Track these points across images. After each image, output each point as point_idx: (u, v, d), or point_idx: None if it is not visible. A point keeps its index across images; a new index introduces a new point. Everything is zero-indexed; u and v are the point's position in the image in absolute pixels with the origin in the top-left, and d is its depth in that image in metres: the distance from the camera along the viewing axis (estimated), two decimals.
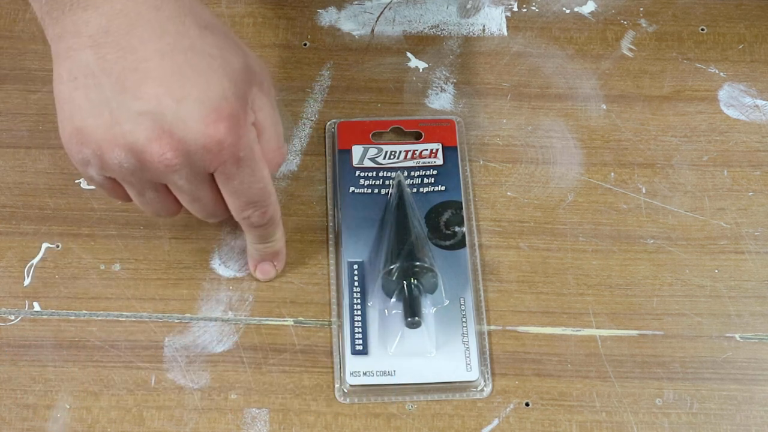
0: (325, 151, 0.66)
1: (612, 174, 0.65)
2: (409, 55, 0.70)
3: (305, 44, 0.70)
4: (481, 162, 0.66)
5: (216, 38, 0.50)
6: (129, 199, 0.54)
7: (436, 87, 0.69)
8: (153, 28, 0.48)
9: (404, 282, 0.59)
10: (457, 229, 0.63)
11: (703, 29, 0.71)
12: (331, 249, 0.63)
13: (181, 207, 0.55)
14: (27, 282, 0.62)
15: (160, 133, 0.48)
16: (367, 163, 0.65)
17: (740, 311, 0.61)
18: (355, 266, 0.61)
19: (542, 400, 0.59)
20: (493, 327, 0.61)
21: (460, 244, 0.62)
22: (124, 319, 0.61)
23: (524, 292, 0.62)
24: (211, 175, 0.51)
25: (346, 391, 0.58)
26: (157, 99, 0.47)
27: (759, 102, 0.68)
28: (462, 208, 0.63)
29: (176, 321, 0.60)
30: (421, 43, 0.70)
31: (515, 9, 0.72)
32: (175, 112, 0.47)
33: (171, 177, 0.50)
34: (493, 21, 0.71)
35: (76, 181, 0.65)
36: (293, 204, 0.64)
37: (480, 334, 0.60)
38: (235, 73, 0.49)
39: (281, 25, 0.71)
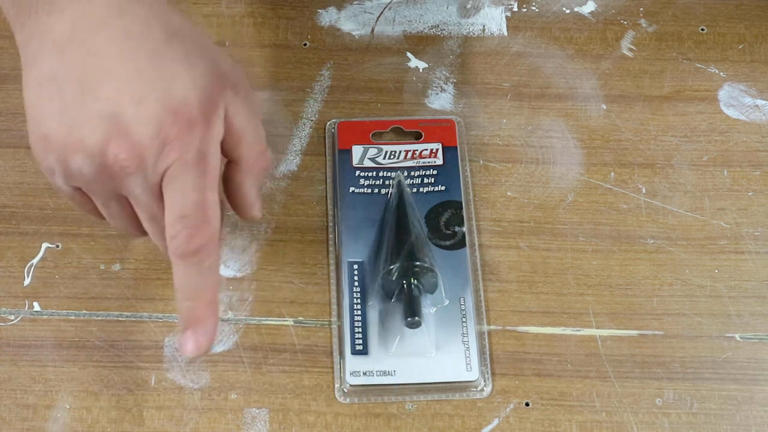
0: (325, 151, 0.66)
1: (612, 174, 0.65)
2: (409, 55, 0.70)
3: (305, 44, 0.70)
4: (481, 162, 0.66)
5: (183, 44, 0.49)
6: (99, 214, 0.53)
7: (436, 87, 0.69)
8: (117, 31, 0.47)
9: (404, 282, 0.59)
10: (457, 229, 0.63)
11: (703, 29, 0.71)
12: (331, 249, 0.63)
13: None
14: (27, 282, 0.62)
15: (116, 134, 0.47)
16: (367, 163, 0.65)
17: (740, 311, 0.61)
18: (355, 266, 0.61)
19: (542, 400, 0.59)
20: (493, 327, 0.61)
21: (460, 244, 0.62)
22: (124, 319, 0.61)
23: (524, 292, 0.62)
24: (159, 187, 0.49)
25: (346, 391, 0.59)
26: (116, 100, 0.47)
27: (759, 102, 0.68)
28: (462, 208, 0.63)
29: (176, 321, 0.60)
30: (421, 43, 0.70)
31: (515, 9, 0.72)
32: (132, 113, 0.46)
33: (128, 183, 0.48)
34: (493, 21, 0.71)
35: None
36: (293, 204, 0.64)
37: (480, 334, 0.60)
38: (201, 79, 0.48)
39: (281, 25, 0.71)
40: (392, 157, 0.65)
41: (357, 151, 0.65)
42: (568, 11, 0.72)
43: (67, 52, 0.48)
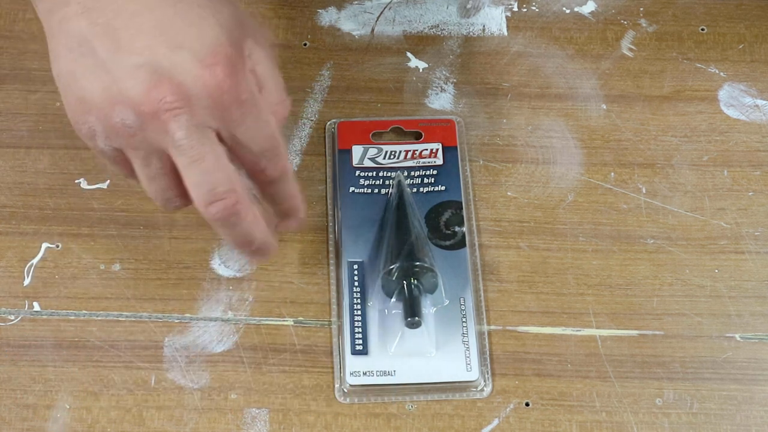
0: (325, 151, 0.66)
1: (612, 174, 0.65)
2: (409, 55, 0.70)
3: (305, 44, 0.70)
4: (481, 162, 0.66)
5: None
6: (135, 175, 0.52)
7: (436, 87, 0.69)
8: None
9: (404, 282, 0.59)
10: (457, 229, 0.63)
11: (703, 29, 0.71)
12: (331, 249, 0.63)
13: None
14: (27, 282, 0.62)
15: (158, 80, 0.47)
16: (367, 163, 0.65)
17: (740, 311, 0.61)
18: (355, 266, 0.61)
19: (542, 400, 0.59)
20: (493, 327, 0.61)
21: (460, 244, 0.62)
22: (124, 319, 0.61)
23: (524, 292, 0.62)
24: (215, 134, 0.49)
25: (346, 391, 0.58)
26: (151, 50, 0.47)
27: (759, 102, 0.68)
28: (462, 208, 0.63)
29: (176, 321, 0.60)
30: (421, 43, 0.70)
31: (515, 9, 0.72)
32: (170, 60, 0.47)
33: (172, 128, 0.47)
34: (493, 21, 0.71)
35: (76, 181, 0.65)
36: None
37: (480, 334, 0.60)
38: (227, 23, 0.49)
39: (281, 25, 0.71)
40: (392, 157, 0.65)
41: (357, 151, 0.65)
42: (568, 11, 0.72)
43: (94, 12, 0.47)
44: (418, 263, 0.59)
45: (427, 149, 0.65)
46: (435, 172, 0.64)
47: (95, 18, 0.47)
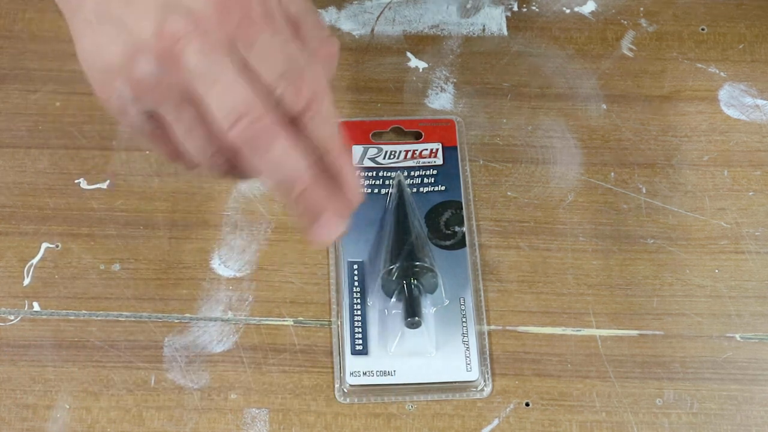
0: None
1: (612, 174, 0.65)
2: (409, 55, 0.70)
3: None
4: (481, 162, 0.66)
5: None
6: (175, 150, 0.49)
7: (436, 87, 0.69)
8: None
9: (404, 282, 0.59)
10: (457, 229, 0.63)
11: (703, 29, 0.71)
12: (331, 249, 0.63)
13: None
14: (27, 282, 0.62)
15: (168, 14, 0.45)
16: (367, 163, 0.65)
17: (740, 311, 0.61)
18: (355, 266, 0.61)
19: (542, 400, 0.59)
20: (493, 327, 0.61)
21: (460, 244, 0.62)
22: (123, 319, 0.61)
23: (524, 292, 0.62)
24: (231, 52, 0.45)
25: (346, 391, 0.58)
26: None
27: (759, 102, 0.68)
28: (462, 208, 0.63)
29: (176, 321, 0.60)
30: (421, 43, 0.70)
31: (515, 9, 0.72)
32: None
33: (186, 58, 0.45)
34: (493, 21, 0.71)
35: (76, 181, 0.65)
36: None
37: (480, 334, 0.60)
38: None
39: None
40: (392, 157, 0.65)
41: (357, 151, 0.65)
42: (568, 11, 0.72)
43: None
44: (418, 263, 0.59)
45: (427, 149, 0.65)
46: (435, 172, 0.64)
47: None
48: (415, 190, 0.64)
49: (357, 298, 0.60)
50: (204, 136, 0.47)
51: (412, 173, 0.64)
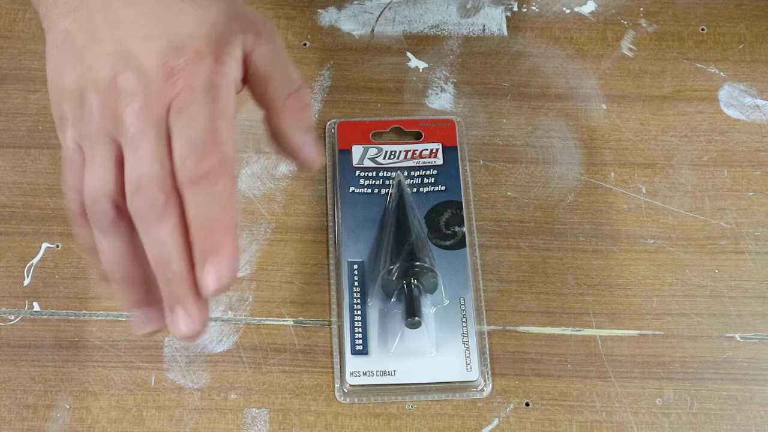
0: (325, 151, 0.66)
1: (612, 174, 0.65)
2: (409, 55, 0.70)
3: (305, 44, 0.70)
4: (481, 162, 0.66)
5: None
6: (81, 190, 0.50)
7: (436, 87, 0.69)
8: None
9: (404, 282, 0.59)
10: (457, 229, 0.63)
11: (703, 29, 0.71)
12: (331, 249, 0.63)
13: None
14: (27, 282, 0.62)
15: (124, 66, 0.47)
16: (367, 163, 0.65)
17: (740, 311, 0.61)
18: (355, 266, 0.61)
19: (542, 400, 0.59)
20: (493, 327, 0.61)
21: (460, 244, 0.62)
22: (124, 319, 0.61)
23: (524, 292, 0.62)
24: (164, 121, 0.47)
25: (346, 391, 0.58)
26: (124, 40, 0.48)
27: (759, 102, 0.68)
28: (462, 208, 0.63)
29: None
30: (421, 43, 0.70)
31: (515, 9, 0.72)
32: (139, 48, 0.47)
33: (125, 114, 0.47)
34: (493, 21, 0.71)
35: None
36: (293, 204, 0.64)
37: (480, 334, 0.60)
38: (212, 19, 0.48)
39: (281, 25, 0.71)
40: (392, 157, 0.65)
41: (357, 151, 0.65)
42: (568, 11, 0.72)
43: (80, 10, 0.49)
44: (418, 263, 0.59)
45: (427, 149, 0.65)
46: (435, 172, 0.64)
47: (79, 15, 0.49)
48: (415, 190, 0.64)
49: (357, 298, 0.60)
50: (103, 175, 0.48)
51: (412, 173, 0.64)
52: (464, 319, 0.60)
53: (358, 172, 0.64)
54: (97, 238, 0.47)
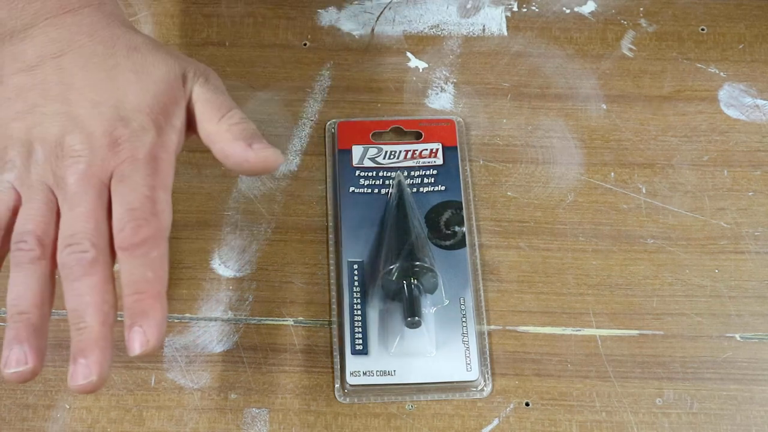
0: (325, 151, 0.66)
1: (612, 174, 0.65)
2: (409, 55, 0.70)
3: (305, 44, 0.70)
4: (481, 162, 0.66)
5: (143, 56, 0.53)
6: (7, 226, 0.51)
7: (436, 87, 0.69)
8: (83, 51, 0.52)
9: (404, 282, 0.59)
10: (457, 229, 0.63)
11: (703, 29, 0.71)
12: (331, 249, 0.63)
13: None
14: None
15: (73, 128, 0.50)
16: (367, 163, 0.65)
17: (740, 311, 0.61)
18: (355, 266, 0.61)
19: (542, 400, 0.59)
20: (493, 327, 0.61)
21: (460, 244, 0.62)
22: (123, 319, 0.60)
23: (524, 292, 0.62)
24: (105, 186, 0.50)
25: (346, 390, 0.58)
26: (74, 104, 0.51)
27: (759, 102, 0.68)
28: (462, 208, 0.63)
29: (176, 321, 0.60)
30: (421, 43, 0.70)
31: (515, 9, 0.72)
32: (88, 114, 0.50)
33: (68, 173, 0.49)
34: (493, 21, 0.71)
35: None
36: (293, 204, 0.64)
37: (480, 334, 0.60)
38: (154, 88, 0.52)
39: (281, 25, 0.71)
40: (392, 157, 0.65)
41: (357, 151, 0.65)
42: (568, 11, 0.72)
43: (36, 69, 0.52)
44: (418, 263, 0.59)
45: (427, 149, 0.65)
46: (435, 172, 0.64)
47: (35, 74, 0.52)
48: (415, 190, 0.64)
49: (357, 298, 0.60)
50: (35, 215, 0.50)
51: (412, 173, 0.64)
52: (464, 319, 0.60)
53: (358, 172, 0.64)
54: (13, 271, 0.49)
